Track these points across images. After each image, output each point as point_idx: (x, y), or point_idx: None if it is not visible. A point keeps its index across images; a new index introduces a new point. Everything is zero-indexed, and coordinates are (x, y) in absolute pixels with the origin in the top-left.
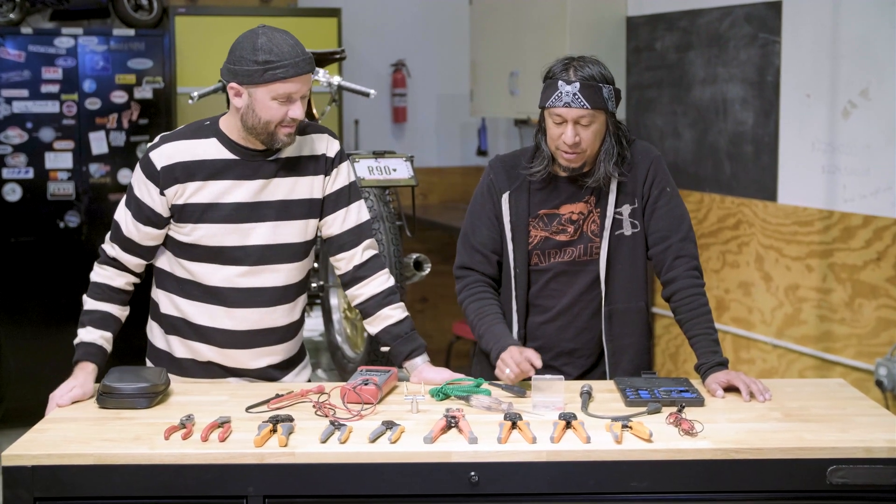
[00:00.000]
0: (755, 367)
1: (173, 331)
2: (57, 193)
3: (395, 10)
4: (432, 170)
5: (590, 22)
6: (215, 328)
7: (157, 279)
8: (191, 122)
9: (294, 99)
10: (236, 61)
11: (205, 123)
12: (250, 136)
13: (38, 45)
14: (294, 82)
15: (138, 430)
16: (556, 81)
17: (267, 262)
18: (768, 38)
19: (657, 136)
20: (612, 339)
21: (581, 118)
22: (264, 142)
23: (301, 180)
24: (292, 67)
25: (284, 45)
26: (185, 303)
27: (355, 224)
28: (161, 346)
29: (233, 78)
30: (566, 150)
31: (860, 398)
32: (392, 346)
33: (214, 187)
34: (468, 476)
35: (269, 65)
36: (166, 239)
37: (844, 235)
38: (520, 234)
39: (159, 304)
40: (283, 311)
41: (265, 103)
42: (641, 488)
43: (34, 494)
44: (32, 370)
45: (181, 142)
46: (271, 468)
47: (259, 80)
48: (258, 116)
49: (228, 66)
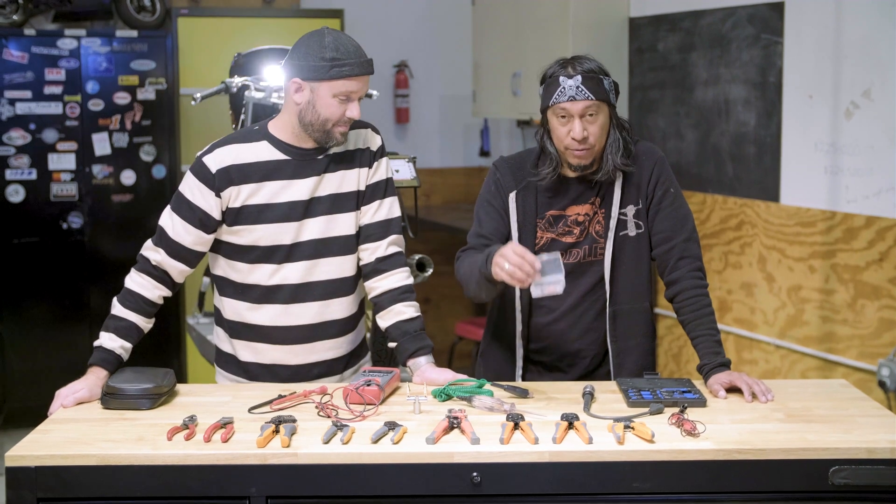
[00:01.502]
0: (758, 368)
1: (236, 334)
2: (60, 195)
3: (398, 11)
4: (435, 171)
5: (592, 23)
6: (275, 326)
7: (217, 286)
8: (238, 130)
9: (353, 99)
10: (302, 57)
11: (254, 129)
12: (305, 133)
13: (41, 47)
14: (357, 81)
15: (141, 430)
16: (557, 78)
17: (321, 255)
18: (771, 38)
19: (660, 137)
20: (617, 340)
21: (587, 110)
22: (318, 140)
23: (349, 173)
24: (357, 66)
25: (350, 44)
26: (243, 305)
27: (385, 217)
28: (227, 350)
29: (297, 73)
30: (576, 146)
31: (863, 399)
32: (399, 342)
33: (269, 188)
34: (470, 477)
35: (336, 62)
36: (220, 245)
37: (847, 236)
38: (527, 234)
39: (222, 310)
40: (340, 303)
41: (326, 100)
42: (644, 489)
43: (37, 495)
44: (36, 371)
45: (233, 146)
46: (274, 469)
47: (325, 75)
48: (318, 113)
49: (292, 62)
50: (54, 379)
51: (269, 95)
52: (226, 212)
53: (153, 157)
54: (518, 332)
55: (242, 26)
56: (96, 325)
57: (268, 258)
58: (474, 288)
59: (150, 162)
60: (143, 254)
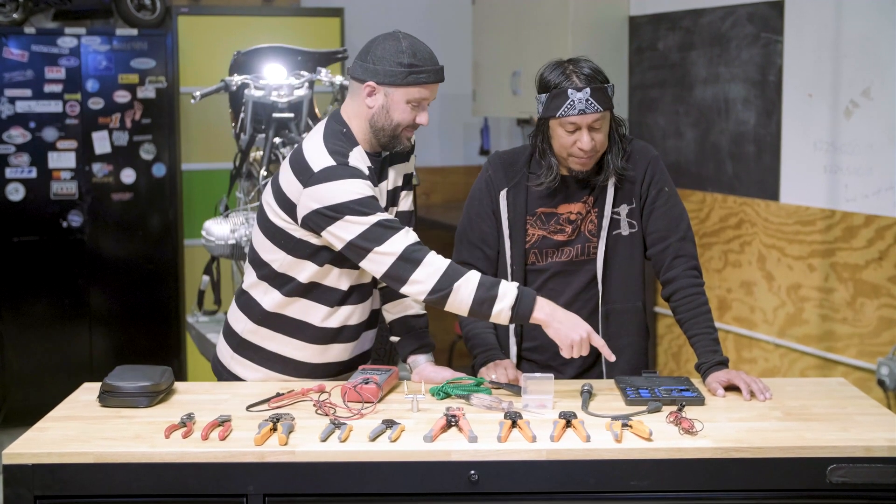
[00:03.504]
0: (757, 367)
1: (279, 328)
2: (60, 193)
3: (398, 9)
4: (435, 169)
5: (592, 21)
6: (334, 328)
7: (273, 282)
8: (326, 129)
9: (424, 105)
10: (377, 61)
11: (342, 131)
12: (375, 137)
13: (42, 45)
14: (431, 88)
15: (139, 428)
16: (565, 91)
17: None
18: (770, 37)
19: (659, 135)
20: (609, 339)
21: (595, 122)
22: (385, 144)
23: (397, 168)
24: (434, 73)
25: (425, 51)
26: (315, 308)
27: (406, 209)
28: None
29: (371, 77)
30: (581, 155)
31: (861, 397)
32: (402, 338)
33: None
34: (468, 475)
35: (413, 68)
36: (317, 251)
37: (846, 235)
38: (517, 232)
39: (262, 303)
40: (376, 294)
41: (400, 105)
42: (641, 487)
43: (34, 493)
44: (35, 370)
45: (355, 150)
46: (271, 467)
47: (402, 81)
48: (391, 118)
49: (366, 66)
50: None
51: (268, 94)
52: None
53: (153, 155)
54: (510, 330)
55: (242, 25)
56: (96, 324)
57: (342, 262)
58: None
59: (150, 160)
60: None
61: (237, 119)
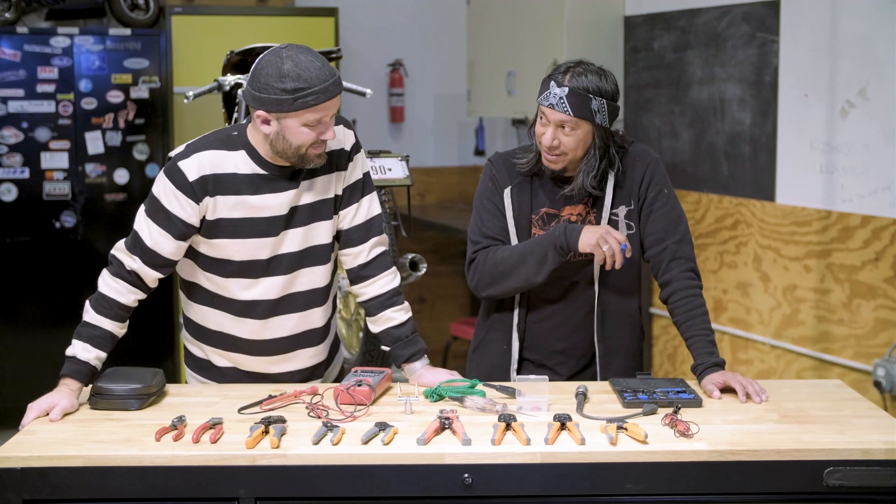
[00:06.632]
0: (753, 368)
1: (212, 343)
2: (53, 193)
3: (393, 9)
4: (429, 170)
5: (587, 22)
6: (255, 340)
7: (188, 291)
8: (215, 131)
9: (326, 121)
10: (262, 88)
11: (232, 134)
12: (281, 157)
13: (34, 45)
14: (324, 108)
15: (129, 431)
16: (550, 81)
17: (301, 266)
18: (766, 37)
19: (655, 136)
20: (604, 340)
21: (563, 123)
22: (295, 163)
23: (326, 179)
24: (323, 94)
25: (312, 68)
26: (218, 315)
27: (365, 219)
28: (199, 355)
29: (259, 105)
30: (545, 150)
31: (858, 399)
32: (392, 348)
33: (248, 202)
34: (462, 478)
35: (298, 93)
36: (195, 253)
37: (843, 235)
38: (522, 230)
39: (192, 316)
40: (320, 312)
41: (296, 130)
42: (637, 490)
43: (23, 497)
44: (27, 371)
45: (210, 152)
46: (263, 470)
47: (289, 108)
48: (289, 142)
49: (253, 93)
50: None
51: None
52: (202, 221)
53: (146, 155)
54: (514, 325)
55: (236, 25)
56: None
57: (244, 272)
58: (531, 269)
59: (144, 161)
60: (116, 256)
61: (231, 119)
